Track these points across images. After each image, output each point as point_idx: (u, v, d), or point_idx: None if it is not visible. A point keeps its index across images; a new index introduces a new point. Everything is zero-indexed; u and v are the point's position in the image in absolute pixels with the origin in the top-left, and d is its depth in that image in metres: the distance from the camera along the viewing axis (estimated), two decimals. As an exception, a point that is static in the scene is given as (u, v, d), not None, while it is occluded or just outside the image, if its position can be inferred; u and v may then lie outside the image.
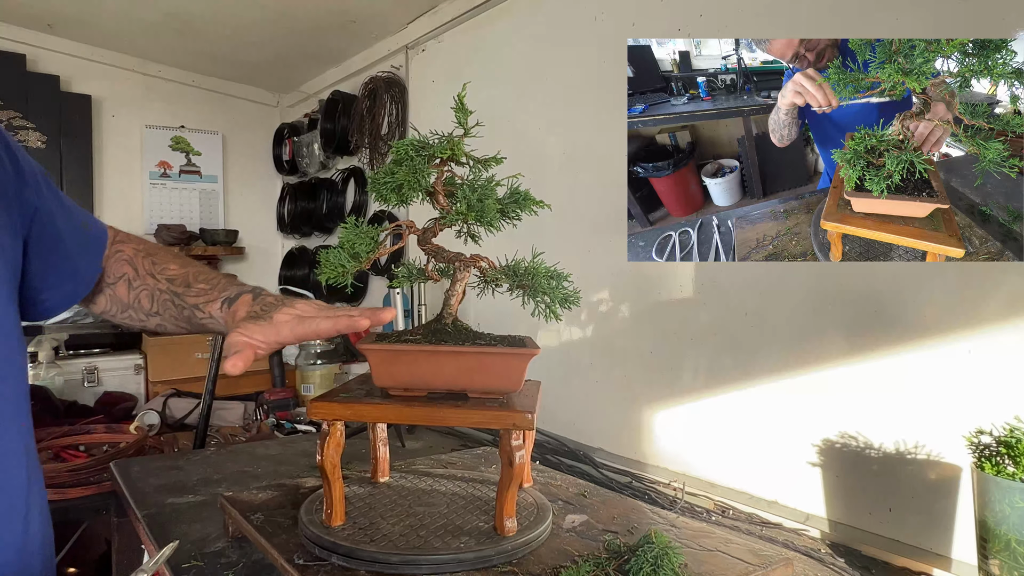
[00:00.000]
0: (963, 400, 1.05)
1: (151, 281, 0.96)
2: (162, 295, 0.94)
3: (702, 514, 1.34)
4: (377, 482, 1.08)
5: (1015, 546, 0.83)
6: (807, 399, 1.27)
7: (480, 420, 0.84)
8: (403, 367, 0.87)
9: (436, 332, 0.90)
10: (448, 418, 0.85)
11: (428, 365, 0.87)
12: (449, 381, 0.87)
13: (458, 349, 0.87)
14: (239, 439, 2.13)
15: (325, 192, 3.29)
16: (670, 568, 0.78)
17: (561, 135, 1.88)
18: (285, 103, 3.83)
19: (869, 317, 1.19)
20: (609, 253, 1.65)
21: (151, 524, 1.16)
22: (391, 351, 0.87)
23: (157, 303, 0.95)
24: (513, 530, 0.88)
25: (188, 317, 0.93)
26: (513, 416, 0.83)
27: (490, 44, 2.21)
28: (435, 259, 0.94)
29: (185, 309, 0.93)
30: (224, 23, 2.84)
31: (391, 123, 2.75)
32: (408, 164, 0.88)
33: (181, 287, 0.94)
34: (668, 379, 1.55)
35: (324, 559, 0.84)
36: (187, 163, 3.64)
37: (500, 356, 0.86)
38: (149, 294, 0.95)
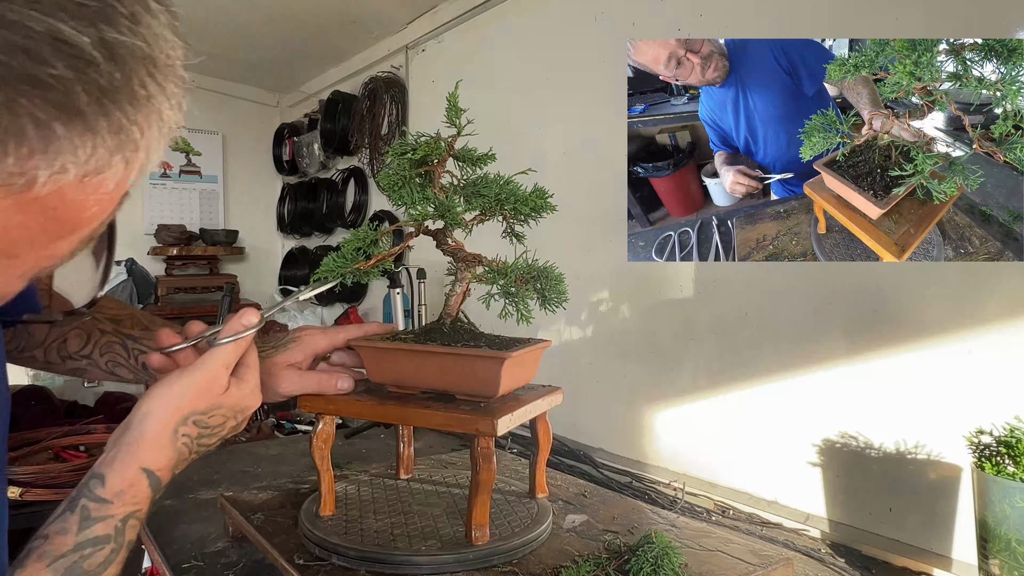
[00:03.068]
0: (963, 400, 1.05)
1: (86, 321, 0.81)
2: (104, 336, 0.81)
3: (702, 514, 1.34)
4: (399, 478, 1.11)
5: (1015, 546, 0.83)
6: (807, 399, 1.27)
7: (443, 422, 0.81)
8: (390, 365, 0.88)
9: (428, 332, 0.90)
10: (413, 418, 0.84)
11: (410, 364, 0.87)
12: (433, 381, 0.87)
13: (431, 348, 0.84)
14: (239, 439, 2.13)
15: (325, 192, 3.29)
16: (670, 568, 0.78)
17: (561, 135, 1.88)
18: (285, 103, 3.83)
19: (869, 317, 1.19)
20: (609, 253, 1.65)
21: (151, 524, 1.16)
22: (378, 348, 0.88)
23: (92, 345, 0.81)
24: (483, 539, 0.83)
25: (144, 364, 0.78)
26: (477, 421, 0.78)
27: (490, 44, 2.21)
28: (453, 259, 0.93)
29: (143, 354, 0.80)
30: (224, 23, 2.84)
31: (391, 123, 2.75)
32: (398, 171, 0.88)
33: (136, 330, 0.82)
34: (668, 379, 1.55)
35: (324, 559, 0.84)
36: (187, 163, 3.64)
37: (468, 358, 0.82)
38: (83, 334, 0.81)
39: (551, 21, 1.93)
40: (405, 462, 1.11)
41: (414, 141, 0.89)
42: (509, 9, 2.11)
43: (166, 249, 3.38)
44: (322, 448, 0.92)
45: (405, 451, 1.11)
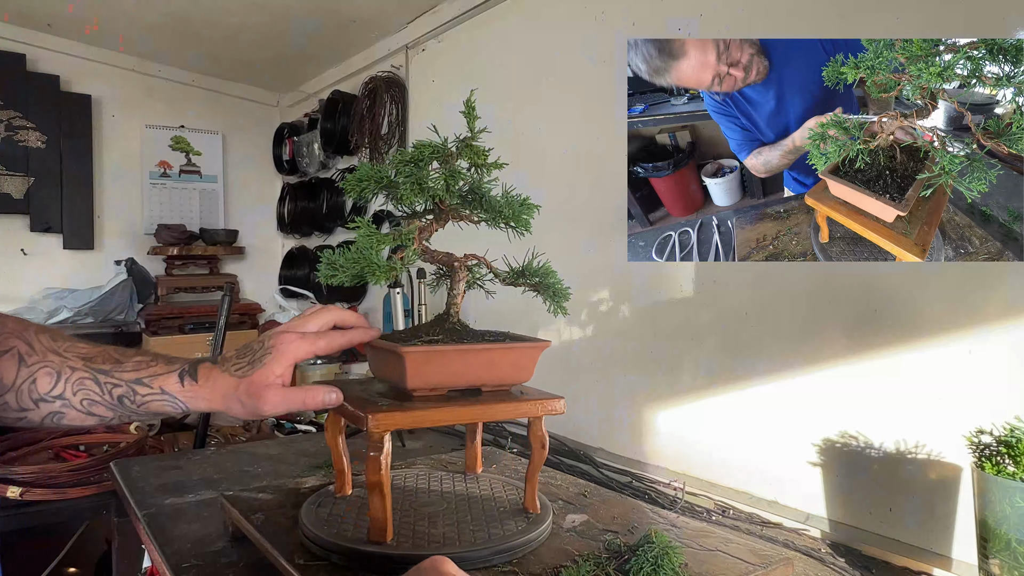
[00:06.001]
0: (963, 400, 1.05)
1: (56, 360, 0.78)
2: (75, 374, 0.78)
3: (702, 514, 1.35)
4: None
5: (1015, 546, 0.83)
6: (807, 399, 1.27)
7: (527, 411, 0.91)
8: (435, 367, 0.87)
9: (452, 331, 0.92)
10: (498, 413, 0.90)
11: (457, 363, 0.88)
12: (472, 377, 0.90)
13: (487, 346, 0.90)
14: (239, 439, 2.13)
15: (325, 192, 3.29)
16: (670, 568, 0.78)
17: (561, 135, 1.88)
18: (285, 103, 3.83)
19: (869, 317, 1.19)
20: (609, 253, 1.65)
21: (151, 524, 1.16)
22: (428, 352, 0.86)
23: (64, 384, 0.77)
24: (536, 510, 0.97)
25: (120, 396, 0.78)
26: (553, 403, 0.92)
27: (490, 44, 2.21)
28: (430, 261, 0.94)
29: (117, 387, 0.78)
30: (224, 23, 2.84)
31: (391, 123, 2.75)
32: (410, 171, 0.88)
33: (107, 364, 0.79)
34: (668, 379, 1.55)
35: (324, 559, 0.84)
36: (187, 163, 3.64)
37: (520, 349, 0.92)
38: (52, 372, 0.77)
39: (551, 21, 1.93)
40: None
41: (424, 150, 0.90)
42: (509, 9, 2.11)
43: (166, 249, 3.38)
44: (387, 470, 0.84)
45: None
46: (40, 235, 3.18)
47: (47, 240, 3.21)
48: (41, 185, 3.14)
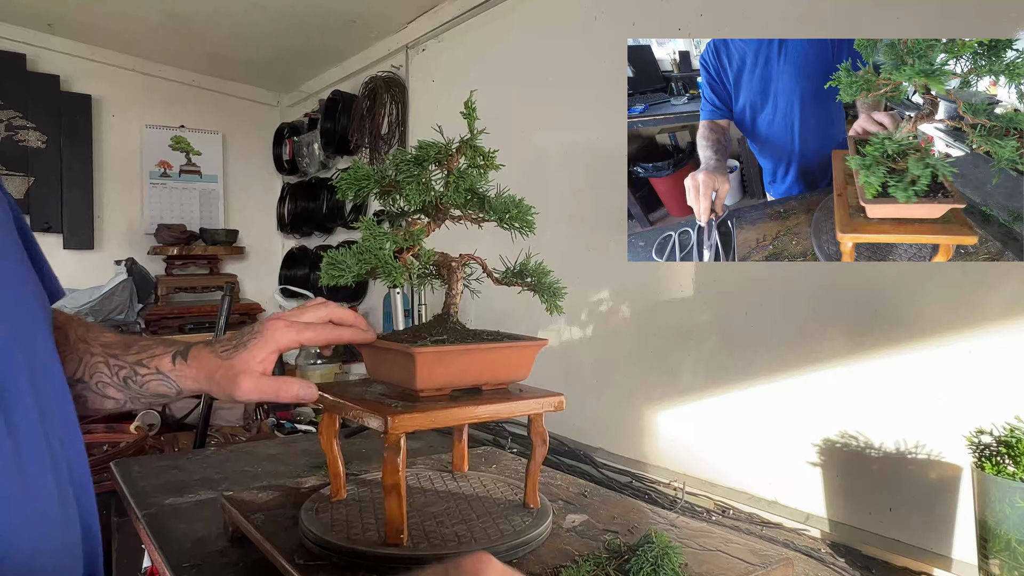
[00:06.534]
0: (963, 400, 1.05)
1: (82, 347, 0.85)
2: (93, 358, 0.84)
3: (702, 514, 1.35)
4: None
5: (1015, 546, 0.83)
6: (807, 399, 1.27)
7: (531, 408, 0.93)
8: (444, 367, 0.87)
9: (454, 331, 0.92)
10: (502, 412, 0.91)
11: (464, 363, 0.89)
12: (475, 376, 0.91)
13: (492, 345, 0.91)
14: (239, 439, 2.13)
15: (325, 192, 3.29)
16: (670, 568, 0.78)
17: (561, 135, 1.88)
18: (285, 103, 3.83)
19: (869, 317, 1.19)
20: (609, 253, 1.65)
21: (151, 524, 1.16)
22: (440, 352, 0.86)
23: (84, 368, 0.83)
24: (537, 505, 0.99)
25: (125, 378, 0.83)
26: (554, 399, 0.94)
27: (490, 44, 2.21)
28: (422, 261, 0.95)
29: (123, 368, 0.83)
30: (224, 23, 2.84)
31: (391, 123, 2.75)
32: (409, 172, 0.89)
33: (118, 349, 0.85)
34: (668, 379, 1.55)
35: (324, 559, 0.84)
36: (187, 163, 3.64)
37: (521, 348, 0.93)
38: (76, 358, 0.83)
39: (551, 21, 1.93)
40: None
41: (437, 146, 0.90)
42: (509, 9, 2.11)
43: (166, 249, 3.38)
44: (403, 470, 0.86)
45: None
46: (40, 235, 3.18)
47: (47, 240, 3.21)
48: (41, 185, 3.14)
